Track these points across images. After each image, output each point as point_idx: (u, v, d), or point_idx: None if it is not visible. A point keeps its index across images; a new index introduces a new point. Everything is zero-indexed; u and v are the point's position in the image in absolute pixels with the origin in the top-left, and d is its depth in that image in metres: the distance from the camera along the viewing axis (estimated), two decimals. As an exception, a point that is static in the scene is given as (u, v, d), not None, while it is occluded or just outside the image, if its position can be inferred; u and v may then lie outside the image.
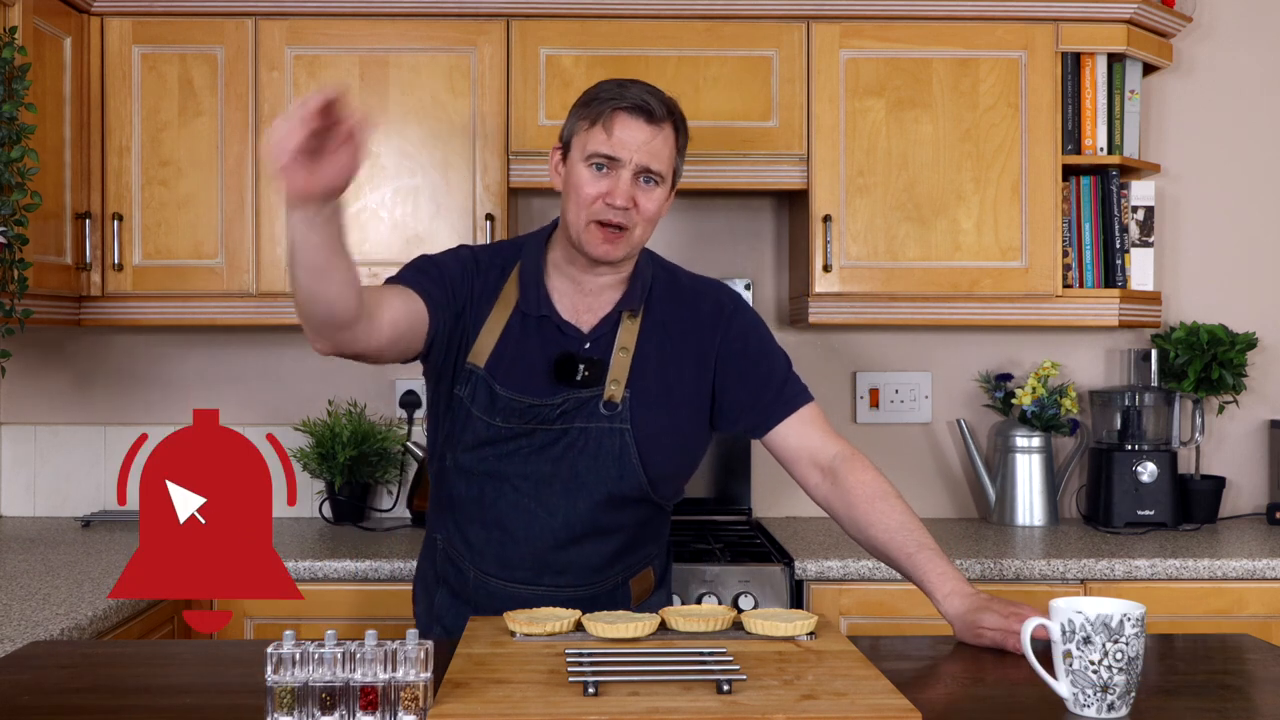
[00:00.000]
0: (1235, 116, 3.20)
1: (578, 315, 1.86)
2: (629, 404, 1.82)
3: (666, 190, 1.84)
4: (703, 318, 1.90)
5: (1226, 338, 3.01)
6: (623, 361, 1.83)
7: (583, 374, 1.81)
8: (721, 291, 1.96)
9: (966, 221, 2.82)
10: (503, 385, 1.81)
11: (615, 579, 1.90)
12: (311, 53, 2.78)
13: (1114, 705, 1.30)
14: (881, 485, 1.82)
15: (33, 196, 2.34)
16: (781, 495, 3.14)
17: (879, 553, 1.80)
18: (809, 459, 1.88)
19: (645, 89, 1.81)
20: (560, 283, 1.87)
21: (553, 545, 1.84)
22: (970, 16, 2.82)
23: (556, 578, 1.86)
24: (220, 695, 1.44)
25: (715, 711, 1.25)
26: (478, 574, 1.88)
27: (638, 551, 1.93)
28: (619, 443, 1.82)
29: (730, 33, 2.81)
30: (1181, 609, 2.52)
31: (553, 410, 1.81)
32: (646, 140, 1.78)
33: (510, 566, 1.86)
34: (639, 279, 1.88)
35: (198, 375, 3.13)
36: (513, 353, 1.83)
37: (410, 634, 1.27)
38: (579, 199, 1.79)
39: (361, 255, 2.78)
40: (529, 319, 1.84)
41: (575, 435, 1.81)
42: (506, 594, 1.86)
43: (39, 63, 2.52)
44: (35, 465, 3.11)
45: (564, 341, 1.84)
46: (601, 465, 1.82)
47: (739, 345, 1.91)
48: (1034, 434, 2.99)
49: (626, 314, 1.86)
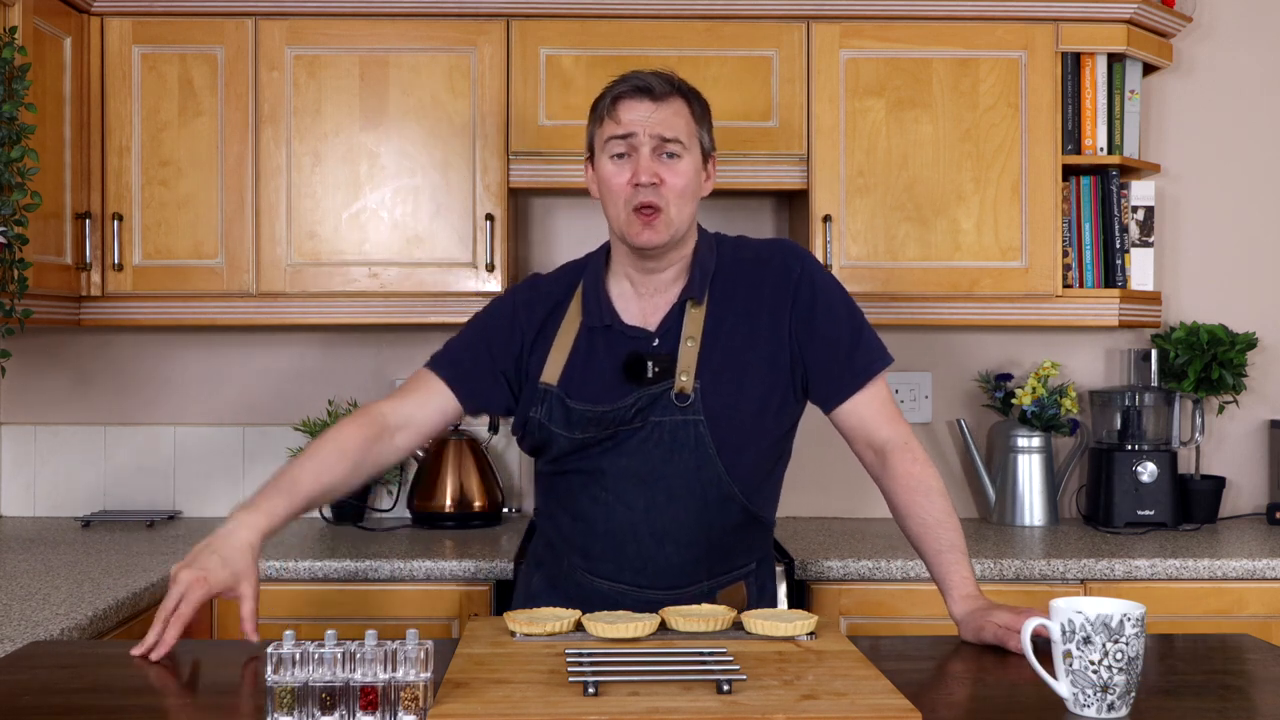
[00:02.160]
0: (1235, 116, 3.20)
1: (643, 317, 1.87)
2: (699, 393, 1.81)
3: (695, 161, 1.83)
4: (772, 288, 1.87)
5: (1226, 338, 3.01)
6: (690, 351, 1.82)
7: (653, 371, 1.81)
8: (789, 254, 1.90)
9: (966, 221, 2.82)
10: (576, 399, 1.83)
11: (700, 587, 1.87)
12: (311, 53, 2.78)
13: (1114, 705, 1.30)
14: (924, 479, 1.82)
15: (33, 196, 2.34)
16: (782, 495, 3.13)
17: (912, 543, 1.83)
18: (864, 440, 1.88)
19: (648, 73, 1.83)
20: (622, 289, 1.89)
21: (632, 541, 1.84)
22: (970, 16, 2.82)
23: (637, 576, 1.85)
24: (220, 695, 1.44)
25: (715, 711, 1.25)
26: (570, 564, 1.90)
27: (726, 561, 1.90)
28: (693, 433, 1.81)
29: (730, 33, 2.81)
30: (1181, 609, 2.52)
31: (628, 411, 1.81)
32: (653, 113, 1.79)
33: (593, 560, 1.87)
34: (699, 266, 1.87)
35: (198, 375, 3.13)
36: (582, 365, 1.85)
37: (410, 634, 1.27)
38: (610, 193, 1.82)
39: (361, 255, 2.78)
40: (595, 331, 1.86)
41: (651, 429, 1.81)
42: (592, 587, 1.87)
43: (39, 63, 2.52)
44: (35, 465, 3.11)
45: (632, 345, 1.84)
46: (678, 457, 1.81)
47: (807, 309, 1.86)
48: (1034, 434, 2.99)
49: (690, 303, 1.85)
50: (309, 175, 2.78)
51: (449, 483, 2.94)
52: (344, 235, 2.78)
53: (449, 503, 2.93)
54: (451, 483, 2.94)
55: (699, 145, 1.84)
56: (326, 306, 2.78)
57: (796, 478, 3.08)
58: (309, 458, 1.77)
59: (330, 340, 3.12)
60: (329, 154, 2.78)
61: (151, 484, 3.11)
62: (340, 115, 2.78)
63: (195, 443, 3.11)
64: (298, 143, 2.77)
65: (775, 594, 2.03)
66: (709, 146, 1.88)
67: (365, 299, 2.78)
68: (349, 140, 2.78)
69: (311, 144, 2.78)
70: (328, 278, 2.78)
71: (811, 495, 3.12)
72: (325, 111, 2.78)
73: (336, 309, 2.79)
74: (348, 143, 2.78)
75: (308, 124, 2.77)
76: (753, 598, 1.94)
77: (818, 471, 3.02)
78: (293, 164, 2.77)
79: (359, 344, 3.12)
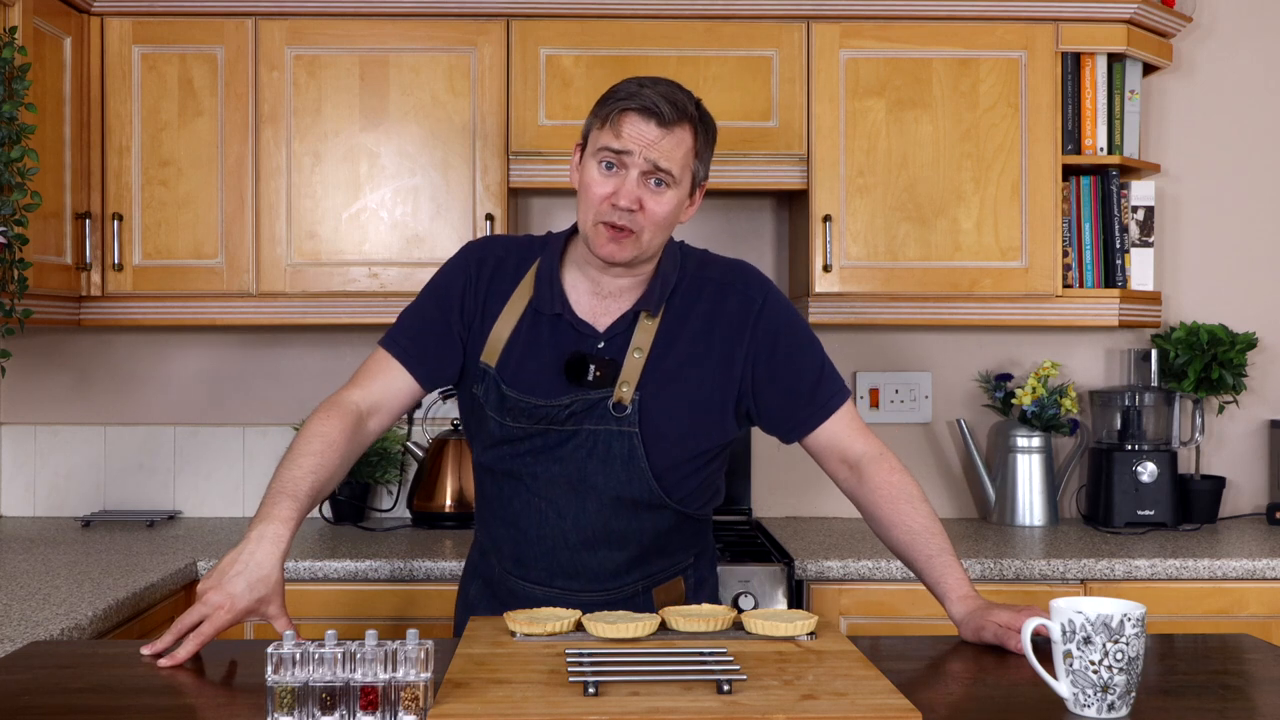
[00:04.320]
0: (1235, 116, 3.20)
1: (594, 315, 1.82)
2: (638, 406, 1.78)
3: (681, 194, 1.77)
4: (730, 317, 1.84)
5: (1226, 338, 3.01)
6: (635, 363, 1.79)
7: (594, 375, 1.77)
8: (750, 284, 1.87)
9: (966, 221, 2.82)
10: (511, 386, 1.80)
11: (634, 587, 1.86)
12: (311, 53, 2.78)
13: (1114, 705, 1.30)
14: (905, 487, 1.80)
15: (33, 196, 2.34)
16: (781, 495, 3.14)
17: (898, 553, 1.80)
18: (838, 456, 1.86)
19: (663, 90, 1.75)
20: (578, 281, 1.84)
21: (564, 547, 1.83)
22: (970, 16, 2.82)
23: (569, 581, 1.84)
24: (220, 695, 1.44)
25: (715, 711, 1.25)
26: (501, 570, 1.90)
27: (661, 559, 1.88)
28: (626, 445, 1.78)
29: (730, 33, 2.81)
30: (1181, 609, 2.52)
31: (561, 411, 1.78)
32: (655, 139, 1.72)
33: (525, 565, 1.86)
34: (659, 279, 1.83)
35: (198, 375, 3.13)
36: (522, 351, 1.81)
37: (410, 634, 1.27)
38: (588, 198, 1.76)
39: (361, 255, 2.78)
40: (542, 316, 1.82)
41: (584, 437, 1.79)
42: (525, 593, 1.86)
43: (39, 63, 2.52)
44: (35, 465, 3.11)
45: (577, 340, 1.81)
46: (609, 468, 1.79)
47: (767, 349, 1.83)
48: (1034, 434, 2.99)
49: (644, 314, 1.82)
50: (309, 175, 2.78)
51: (449, 483, 2.94)
52: (344, 235, 2.78)
53: (449, 503, 2.93)
54: (451, 483, 2.94)
55: (690, 177, 1.79)
56: (326, 306, 2.78)
57: (796, 478, 3.11)
58: (302, 456, 1.73)
59: (330, 340, 3.12)
60: (329, 154, 2.78)
61: (151, 484, 3.11)
62: (340, 115, 2.78)
63: (195, 443, 3.11)
64: (298, 143, 2.77)
65: (715, 585, 2.01)
66: (702, 177, 1.82)
67: (365, 299, 2.78)
68: (349, 140, 2.78)
69: (311, 144, 2.78)
70: (328, 278, 2.78)
71: (811, 495, 3.12)
72: (325, 111, 2.78)
73: (336, 309, 2.79)
74: (348, 143, 2.78)
75: (308, 124, 2.78)
76: (690, 591, 1.93)
77: (817, 471, 2.99)
78: (293, 164, 2.77)
79: (359, 344, 3.12)
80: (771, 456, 3.13)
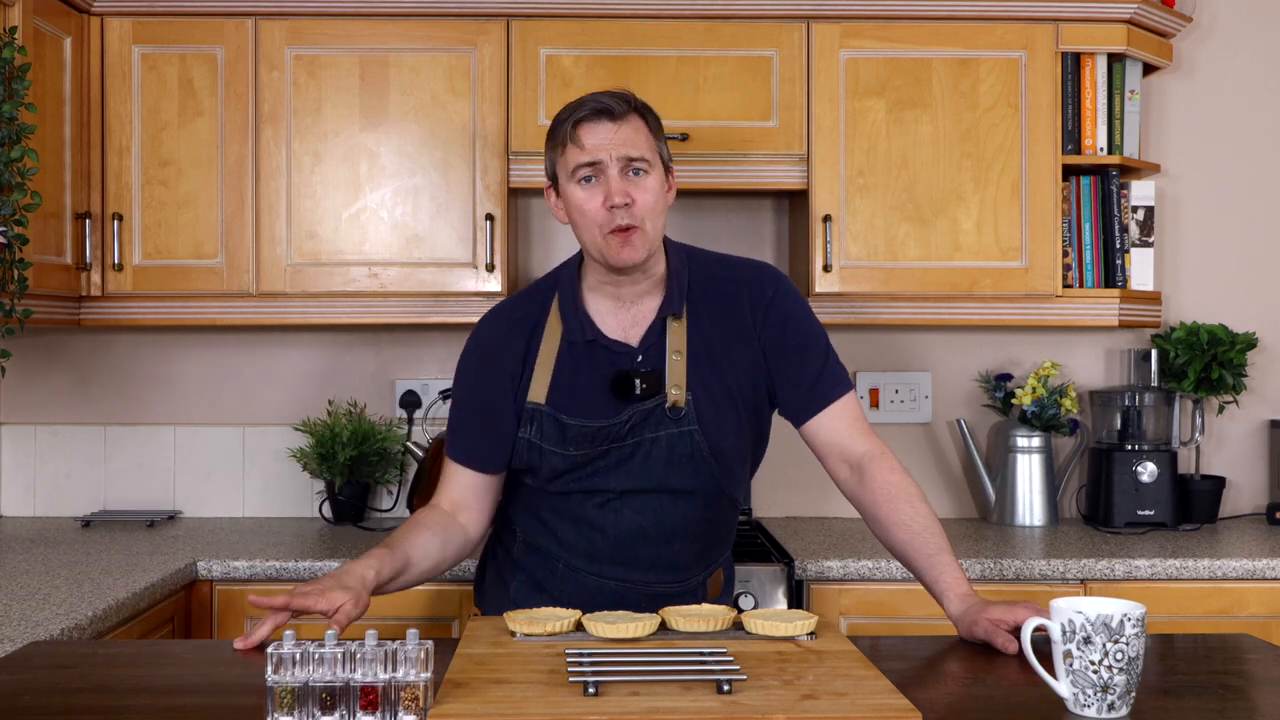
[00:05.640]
0: (1235, 116, 3.20)
1: (625, 332, 1.89)
2: (692, 405, 1.85)
3: (659, 176, 1.85)
4: (743, 307, 1.91)
5: (1226, 338, 3.01)
6: (678, 365, 1.86)
7: (640, 388, 1.84)
8: (761, 276, 1.95)
9: (966, 221, 2.82)
10: (568, 415, 1.85)
11: (698, 578, 1.95)
12: (311, 53, 2.78)
13: (1114, 705, 1.30)
14: (905, 487, 1.84)
15: (33, 196, 2.34)
16: (781, 495, 3.14)
17: (897, 552, 1.83)
18: (839, 454, 1.91)
19: (601, 94, 1.85)
20: (600, 304, 1.91)
21: (643, 540, 1.89)
22: (970, 16, 2.82)
23: (646, 574, 1.90)
24: (220, 695, 1.44)
25: (715, 711, 1.25)
26: (566, 565, 1.92)
27: (715, 551, 1.98)
28: (690, 444, 1.85)
29: (730, 33, 2.81)
30: (1181, 609, 2.52)
31: (622, 427, 1.84)
32: (614, 135, 1.81)
33: (600, 561, 1.90)
34: (675, 280, 1.90)
35: (198, 375, 3.13)
36: (569, 382, 1.87)
37: (410, 634, 1.27)
38: (584, 218, 1.83)
39: (361, 255, 2.78)
40: (577, 346, 1.88)
41: (649, 445, 1.85)
42: (596, 585, 1.90)
43: (39, 63, 2.52)
44: (35, 465, 3.11)
45: (616, 360, 1.87)
46: (678, 466, 1.86)
47: (776, 335, 1.91)
48: (1034, 434, 2.99)
49: (671, 318, 1.88)
50: (309, 175, 2.78)
51: (449, 483, 2.94)
52: (344, 235, 2.78)
53: (449, 503, 2.92)
54: (451, 483, 2.94)
55: (660, 159, 1.87)
56: (326, 306, 2.78)
57: (796, 478, 3.11)
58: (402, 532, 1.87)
59: (330, 340, 3.12)
60: (329, 154, 2.78)
61: (151, 484, 3.11)
62: (340, 115, 2.78)
63: (195, 443, 3.11)
64: (298, 143, 2.77)
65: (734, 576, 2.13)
66: (668, 158, 1.90)
67: (365, 299, 2.78)
68: (349, 140, 2.78)
69: (311, 144, 2.78)
70: (328, 278, 2.78)
71: (811, 495, 3.12)
72: (325, 111, 2.78)
73: (336, 309, 2.79)
74: (348, 143, 2.78)
75: (308, 124, 2.78)
76: (728, 578, 2.05)
77: (817, 471, 2.99)
78: (293, 164, 2.77)
79: (359, 344, 3.12)
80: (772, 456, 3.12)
